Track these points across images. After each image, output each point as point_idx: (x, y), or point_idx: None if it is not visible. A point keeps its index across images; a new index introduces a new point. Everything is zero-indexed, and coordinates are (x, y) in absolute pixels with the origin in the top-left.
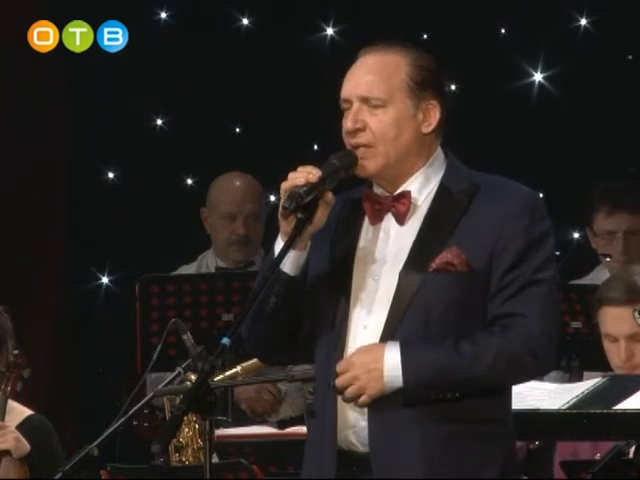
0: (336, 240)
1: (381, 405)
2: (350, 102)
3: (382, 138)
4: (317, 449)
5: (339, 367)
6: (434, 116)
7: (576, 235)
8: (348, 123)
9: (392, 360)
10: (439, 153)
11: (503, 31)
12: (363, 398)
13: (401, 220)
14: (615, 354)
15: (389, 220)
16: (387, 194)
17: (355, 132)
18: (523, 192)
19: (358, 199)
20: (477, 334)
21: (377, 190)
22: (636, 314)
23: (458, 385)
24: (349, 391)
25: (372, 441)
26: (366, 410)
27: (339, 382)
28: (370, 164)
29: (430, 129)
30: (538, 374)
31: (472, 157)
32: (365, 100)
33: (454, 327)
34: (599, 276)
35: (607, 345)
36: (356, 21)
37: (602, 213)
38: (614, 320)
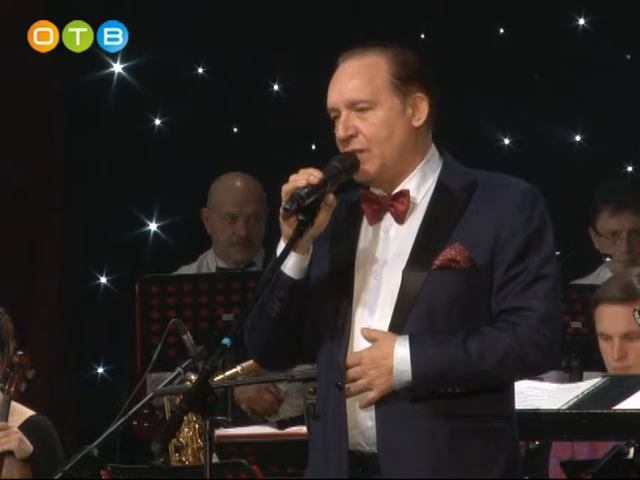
0: (335, 242)
1: (389, 405)
2: (338, 110)
3: (375, 140)
4: (321, 451)
5: (349, 360)
6: (423, 109)
7: (577, 235)
8: (340, 131)
9: (401, 354)
10: (434, 151)
11: (502, 31)
12: (372, 394)
13: (400, 219)
14: (609, 354)
15: (388, 219)
16: (385, 194)
17: (348, 139)
18: (522, 186)
19: (355, 201)
20: (485, 329)
21: (375, 191)
22: (636, 314)
23: (466, 380)
24: (357, 384)
25: (380, 441)
26: (373, 411)
27: (348, 374)
28: (368, 168)
29: (421, 122)
30: (544, 369)
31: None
32: (352, 105)
33: (458, 323)
34: (601, 276)
35: (602, 344)
36: (354, 21)
37: (606, 213)
38: (609, 318)
